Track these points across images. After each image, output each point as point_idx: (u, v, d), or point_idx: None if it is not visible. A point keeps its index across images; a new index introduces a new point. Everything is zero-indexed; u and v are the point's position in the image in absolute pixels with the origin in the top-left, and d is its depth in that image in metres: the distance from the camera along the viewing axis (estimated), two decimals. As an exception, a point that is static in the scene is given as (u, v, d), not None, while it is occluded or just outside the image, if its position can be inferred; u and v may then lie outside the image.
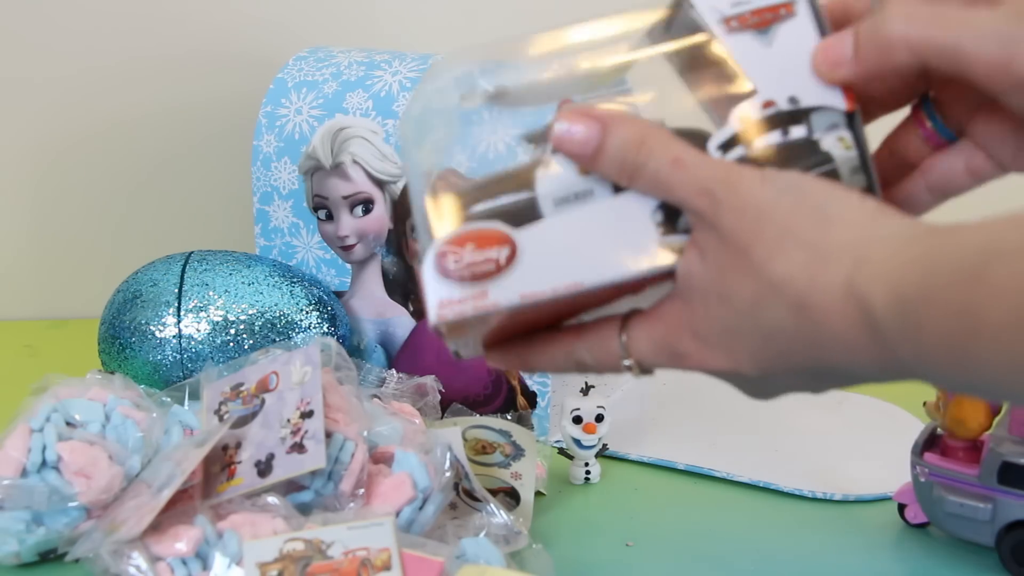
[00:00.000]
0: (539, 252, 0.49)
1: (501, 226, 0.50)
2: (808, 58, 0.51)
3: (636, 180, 0.49)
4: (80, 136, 1.20)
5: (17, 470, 0.71)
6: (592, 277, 0.49)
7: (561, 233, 0.49)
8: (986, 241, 0.40)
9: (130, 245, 1.22)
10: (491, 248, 0.49)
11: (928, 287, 0.41)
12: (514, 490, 0.78)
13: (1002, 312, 0.38)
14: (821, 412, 0.97)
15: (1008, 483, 0.72)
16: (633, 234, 0.49)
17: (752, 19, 0.52)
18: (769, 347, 0.47)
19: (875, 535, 0.79)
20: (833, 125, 0.50)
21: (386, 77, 0.93)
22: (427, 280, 0.50)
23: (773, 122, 0.51)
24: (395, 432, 0.75)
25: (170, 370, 0.88)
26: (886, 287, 0.43)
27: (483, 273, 0.49)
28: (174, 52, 1.19)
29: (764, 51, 0.51)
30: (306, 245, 0.95)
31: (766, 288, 0.46)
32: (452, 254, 0.49)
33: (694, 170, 0.48)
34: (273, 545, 0.63)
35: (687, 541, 0.79)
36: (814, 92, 0.51)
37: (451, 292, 0.49)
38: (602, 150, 0.49)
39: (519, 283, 0.49)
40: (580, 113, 0.50)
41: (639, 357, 0.51)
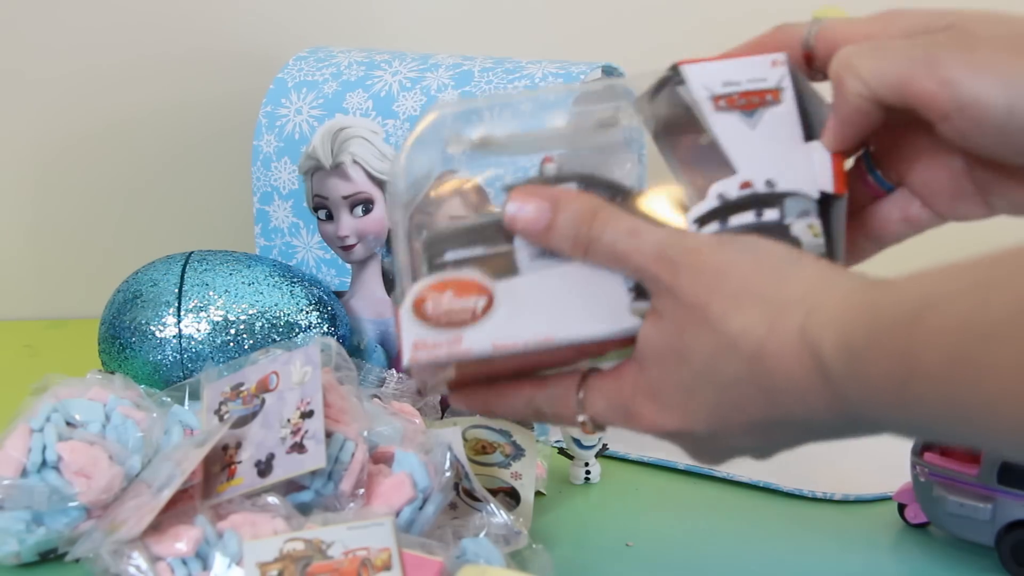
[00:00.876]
0: (514, 305, 0.51)
1: (480, 276, 0.51)
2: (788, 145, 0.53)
3: (591, 253, 0.51)
4: (80, 135, 1.20)
5: (17, 470, 0.71)
6: (563, 334, 0.51)
7: (537, 288, 0.51)
8: (923, 291, 0.42)
9: (130, 245, 1.21)
10: (469, 296, 0.51)
11: (871, 333, 0.43)
12: (514, 490, 0.78)
13: (934, 353, 0.40)
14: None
15: (1008, 483, 0.72)
16: (605, 296, 0.51)
17: (740, 100, 0.54)
18: (725, 402, 0.49)
19: (875, 535, 0.79)
20: (805, 212, 0.53)
21: (386, 77, 0.93)
22: (404, 321, 0.51)
23: (748, 203, 0.52)
24: (395, 432, 0.75)
25: (170, 370, 0.88)
26: (835, 334, 0.45)
27: (459, 320, 0.51)
28: (174, 52, 1.19)
29: (748, 133, 0.53)
30: (306, 245, 0.95)
31: (724, 342, 0.48)
32: (431, 299, 0.51)
33: (650, 237, 0.50)
34: (273, 545, 0.63)
35: (687, 541, 0.79)
36: (791, 178, 0.53)
37: (426, 335, 0.51)
38: (553, 227, 0.51)
39: (493, 333, 0.51)
40: (530, 192, 0.52)
41: (593, 414, 0.53)
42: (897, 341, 0.42)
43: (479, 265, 0.52)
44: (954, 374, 0.40)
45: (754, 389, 0.47)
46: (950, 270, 0.42)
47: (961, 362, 0.40)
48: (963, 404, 0.40)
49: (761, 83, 0.54)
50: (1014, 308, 0.38)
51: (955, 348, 0.40)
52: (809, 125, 0.54)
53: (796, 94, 0.54)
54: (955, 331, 0.40)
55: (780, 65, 0.54)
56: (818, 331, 0.45)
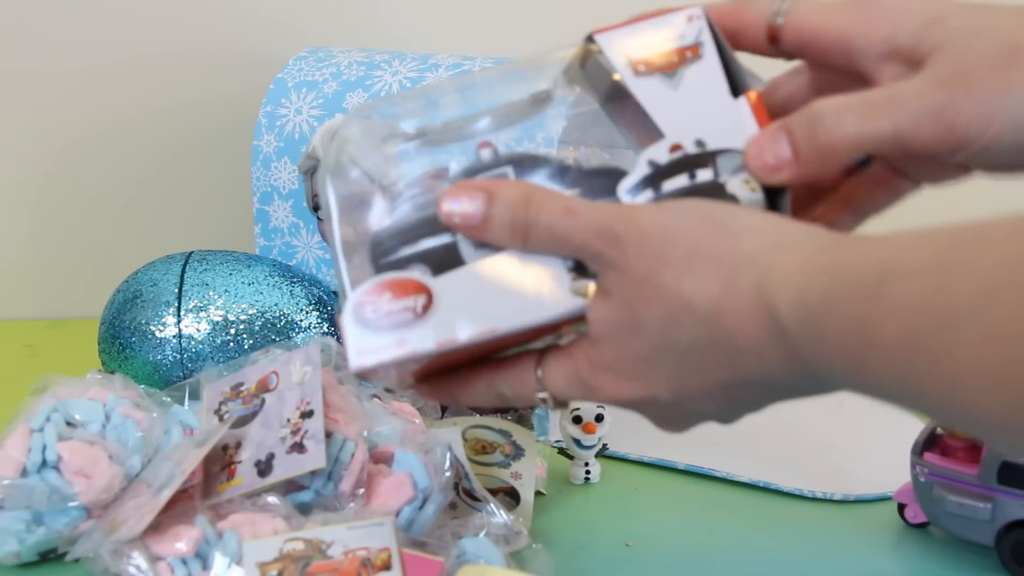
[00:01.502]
0: (455, 299, 0.50)
1: (418, 275, 0.51)
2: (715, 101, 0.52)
3: (531, 239, 0.50)
4: (80, 136, 1.21)
5: (17, 470, 0.71)
6: (506, 324, 0.50)
7: (476, 280, 0.51)
8: (885, 260, 0.42)
9: (130, 245, 1.22)
10: (407, 297, 0.50)
11: (829, 299, 0.43)
12: (514, 490, 0.78)
13: (892, 331, 0.40)
14: (821, 412, 0.97)
15: (1008, 483, 0.72)
16: (546, 279, 0.50)
17: (659, 62, 0.52)
18: (685, 367, 0.48)
19: (875, 535, 0.79)
20: (740, 167, 0.51)
21: (386, 77, 0.93)
22: (346, 328, 0.51)
23: (680, 166, 0.51)
24: (395, 432, 0.75)
25: (170, 370, 0.88)
26: (791, 294, 0.44)
27: (400, 322, 0.50)
28: (174, 52, 1.19)
29: (671, 94, 0.52)
30: (306, 245, 0.95)
31: (678, 308, 0.47)
32: (370, 304, 0.50)
33: (588, 215, 0.49)
34: (273, 545, 0.63)
35: (687, 541, 0.79)
36: (720, 135, 0.51)
37: (369, 341, 0.50)
38: (489, 219, 0.50)
39: (435, 331, 0.50)
40: (462, 187, 0.51)
41: (553, 391, 0.53)
42: (855, 311, 0.42)
43: (425, 261, 0.51)
44: (910, 355, 0.40)
45: (712, 351, 0.47)
46: (909, 244, 0.42)
47: (917, 345, 0.40)
48: (919, 383, 0.40)
49: (679, 41, 0.52)
50: (971, 295, 0.38)
51: (912, 330, 0.40)
52: (732, 77, 0.52)
53: (716, 47, 0.52)
54: (912, 312, 0.40)
55: (697, 20, 0.52)
56: (774, 290, 0.45)
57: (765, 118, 0.51)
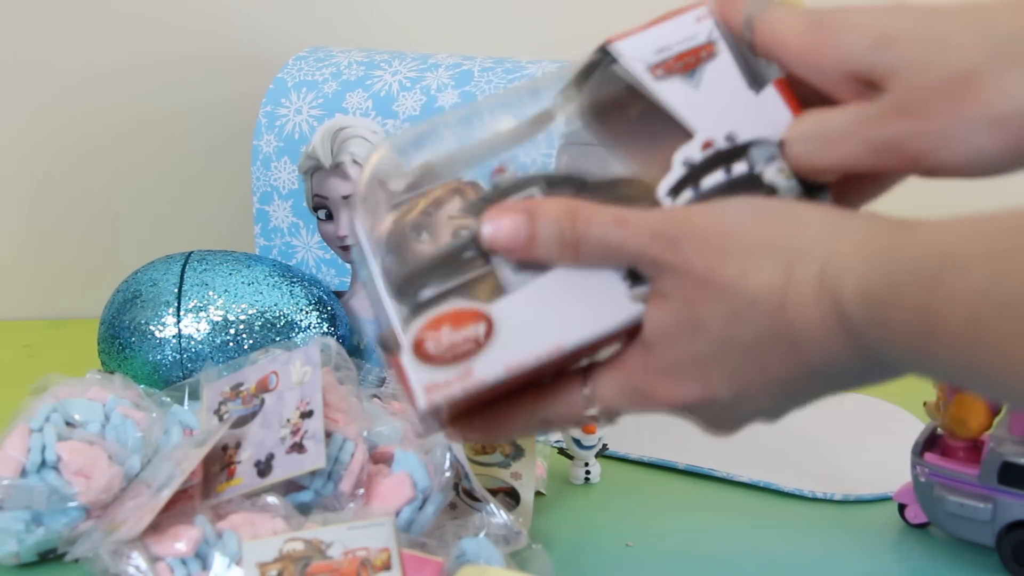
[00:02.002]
0: (515, 322, 0.50)
1: (473, 303, 0.50)
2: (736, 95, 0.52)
3: (581, 254, 0.50)
4: (79, 135, 1.20)
5: (16, 470, 0.71)
6: (571, 338, 0.50)
7: (532, 301, 0.50)
8: (946, 246, 0.42)
9: (130, 245, 1.21)
10: (468, 326, 0.50)
11: (892, 284, 0.43)
12: (514, 490, 0.78)
13: (955, 318, 0.41)
14: (821, 412, 0.97)
15: (1008, 483, 0.72)
16: (601, 290, 0.50)
17: (676, 64, 0.53)
18: (747, 363, 0.48)
19: (875, 535, 0.79)
20: (772, 156, 0.52)
21: (386, 77, 0.93)
22: (408, 368, 0.50)
23: (715, 162, 0.51)
24: (395, 432, 0.75)
25: (170, 370, 0.88)
26: (854, 281, 0.44)
27: (465, 352, 0.50)
28: (174, 52, 1.19)
29: (694, 93, 0.52)
30: (306, 245, 0.95)
31: (741, 303, 0.47)
32: (430, 339, 0.50)
33: (640, 221, 0.49)
34: (273, 545, 0.63)
35: (687, 541, 0.79)
36: (749, 126, 0.52)
37: (435, 376, 0.50)
38: (534, 237, 0.50)
39: (502, 355, 0.50)
40: (502, 210, 0.50)
41: (604, 404, 0.52)
42: (917, 297, 0.42)
43: (463, 294, 0.50)
44: (974, 341, 0.41)
45: (777, 344, 0.47)
46: (965, 231, 0.42)
47: (981, 331, 0.40)
48: (985, 368, 0.41)
49: (692, 41, 0.53)
50: None
51: (975, 317, 0.40)
52: (749, 70, 0.53)
53: (727, 43, 0.53)
54: (974, 298, 0.40)
55: (705, 19, 0.53)
56: (836, 278, 0.45)
57: (794, 102, 0.52)
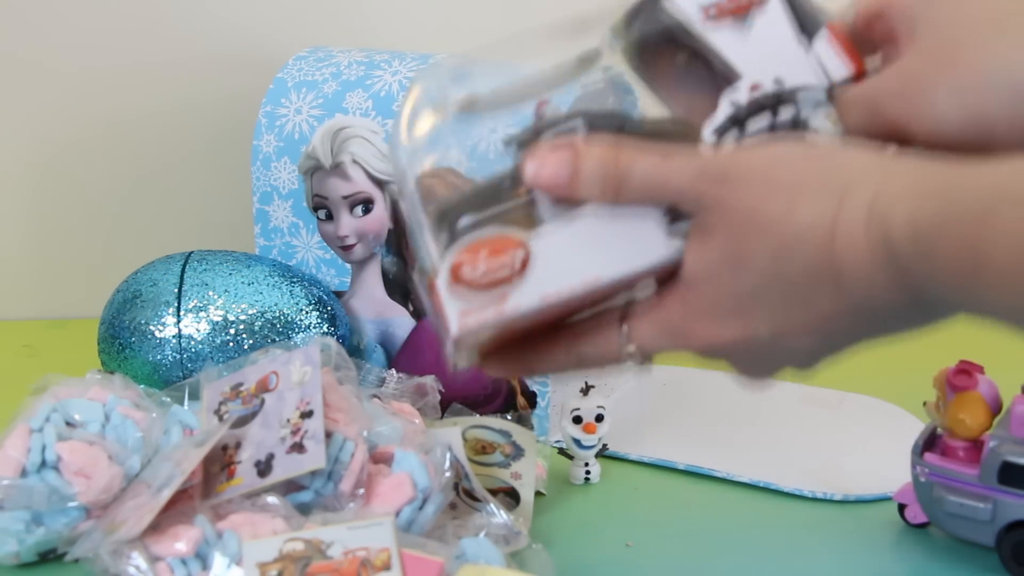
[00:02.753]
0: (553, 253, 0.49)
1: (512, 231, 0.50)
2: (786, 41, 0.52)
3: (624, 191, 0.49)
4: (80, 135, 1.20)
5: (17, 470, 0.71)
6: (608, 272, 0.50)
7: (571, 233, 0.50)
8: (997, 184, 0.42)
9: (130, 245, 1.21)
10: (506, 253, 0.49)
11: (941, 220, 0.43)
12: (514, 490, 0.78)
13: (1004, 254, 0.41)
14: (821, 412, 0.97)
15: (1008, 483, 0.72)
16: (643, 226, 0.50)
17: (729, 6, 0.53)
18: (791, 298, 0.47)
19: (875, 535, 0.79)
20: (819, 103, 0.52)
21: (386, 77, 0.93)
22: (443, 292, 0.49)
23: (762, 104, 0.51)
24: (395, 432, 0.75)
25: (170, 370, 0.88)
26: (903, 213, 0.44)
27: (501, 279, 0.49)
28: (174, 52, 1.19)
29: (744, 37, 0.52)
30: (306, 245, 0.95)
31: (790, 236, 0.46)
32: (467, 263, 0.49)
33: (685, 158, 0.49)
34: (273, 545, 0.63)
35: (687, 541, 0.79)
36: (798, 72, 0.52)
37: (469, 301, 0.49)
38: (578, 175, 0.49)
39: (537, 285, 0.49)
40: (547, 147, 0.50)
41: (641, 343, 0.52)
42: (966, 232, 0.42)
43: (500, 222, 0.50)
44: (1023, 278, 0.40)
45: (823, 278, 0.46)
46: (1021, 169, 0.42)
47: None
48: None
49: None
50: None
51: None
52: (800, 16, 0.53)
53: None
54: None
55: None
56: (886, 209, 0.45)
57: (849, 47, 0.52)
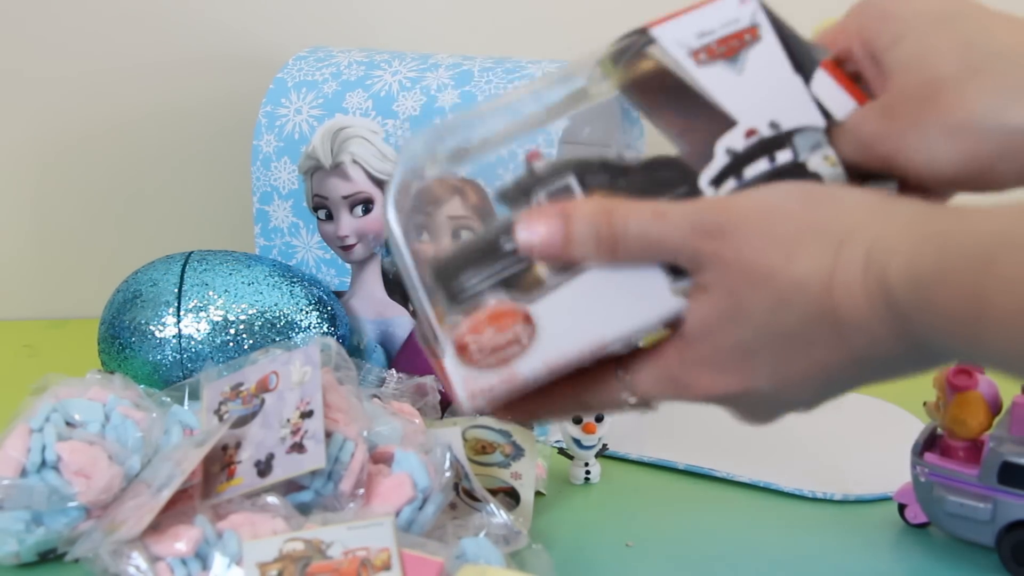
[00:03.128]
0: (557, 319, 0.49)
1: (514, 303, 0.49)
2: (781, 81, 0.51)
3: (619, 252, 0.49)
4: (80, 135, 1.20)
5: (17, 470, 0.71)
6: (613, 332, 0.49)
7: (575, 296, 0.49)
8: (997, 229, 0.42)
9: (130, 245, 1.21)
10: (510, 327, 0.49)
11: (941, 268, 0.42)
12: (514, 490, 0.78)
13: (1008, 301, 0.40)
14: (821, 412, 0.97)
15: (1008, 483, 0.72)
16: (644, 284, 0.49)
17: (719, 49, 0.52)
18: (790, 351, 0.47)
19: (875, 535, 0.79)
20: (816, 144, 0.51)
21: (386, 77, 0.93)
22: (451, 370, 0.49)
23: (758, 150, 0.51)
24: (395, 432, 0.75)
25: (170, 370, 0.88)
26: (902, 261, 0.44)
27: (508, 355, 0.49)
28: (174, 52, 1.19)
29: (737, 79, 0.51)
30: (306, 245, 0.95)
31: (789, 288, 0.46)
32: (474, 343, 0.49)
33: (679, 213, 0.48)
34: (273, 545, 0.63)
35: (687, 541, 0.79)
36: (793, 114, 0.51)
37: (479, 380, 0.49)
38: (570, 240, 0.49)
39: (544, 353, 0.49)
40: (536, 214, 0.49)
41: (641, 392, 0.52)
42: (968, 279, 0.41)
43: (502, 285, 0.50)
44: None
45: (821, 329, 0.46)
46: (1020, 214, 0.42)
47: None
48: None
49: (735, 25, 0.52)
50: None
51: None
52: (794, 54, 0.52)
53: (773, 26, 0.52)
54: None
55: (748, 2, 0.52)
56: (884, 257, 0.44)
57: (849, 83, 0.51)
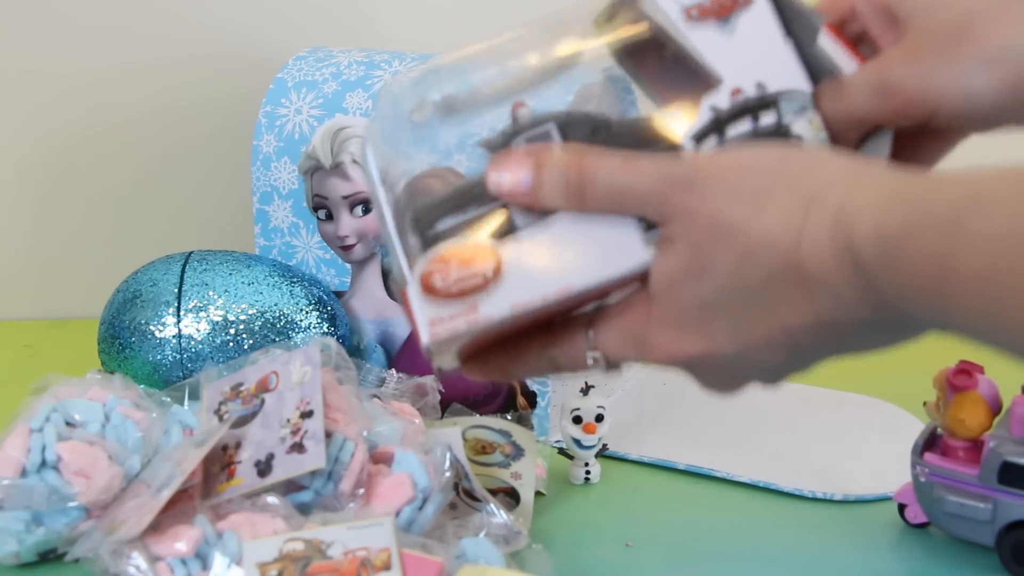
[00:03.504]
0: (524, 262, 0.49)
1: (483, 240, 0.49)
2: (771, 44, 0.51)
3: (588, 199, 0.49)
4: (80, 135, 1.20)
5: (17, 470, 0.71)
6: (581, 281, 0.49)
7: (543, 241, 0.49)
8: (967, 192, 0.41)
9: (130, 245, 1.21)
10: (476, 262, 0.49)
11: (907, 226, 0.42)
12: (514, 490, 0.78)
13: (973, 262, 0.40)
14: (821, 412, 0.97)
15: (1008, 483, 0.72)
16: (616, 235, 0.49)
17: (712, 7, 0.52)
18: (752, 309, 0.47)
19: (875, 535, 0.79)
20: (802, 108, 0.51)
21: (386, 77, 0.93)
22: (414, 300, 0.49)
23: (742, 110, 0.50)
24: (395, 432, 0.75)
25: (170, 370, 0.88)
26: (869, 220, 0.43)
27: (471, 288, 0.49)
28: (174, 52, 1.19)
29: (727, 40, 0.51)
30: (306, 245, 0.95)
31: (756, 242, 0.46)
32: (438, 272, 0.49)
33: (651, 164, 0.48)
34: (273, 545, 0.63)
35: (687, 541, 0.79)
36: (781, 76, 0.51)
37: (440, 310, 0.49)
38: (540, 185, 0.49)
39: (509, 294, 0.49)
40: (508, 156, 0.50)
41: (606, 351, 0.51)
42: (933, 239, 0.41)
43: (474, 229, 0.50)
44: (991, 287, 0.39)
45: (787, 287, 0.45)
46: (992, 177, 0.41)
47: (999, 277, 0.39)
48: (999, 316, 0.39)
49: None
50: None
51: (994, 262, 0.39)
52: (786, 19, 0.52)
53: None
54: (995, 242, 0.39)
55: None
56: (852, 216, 0.43)
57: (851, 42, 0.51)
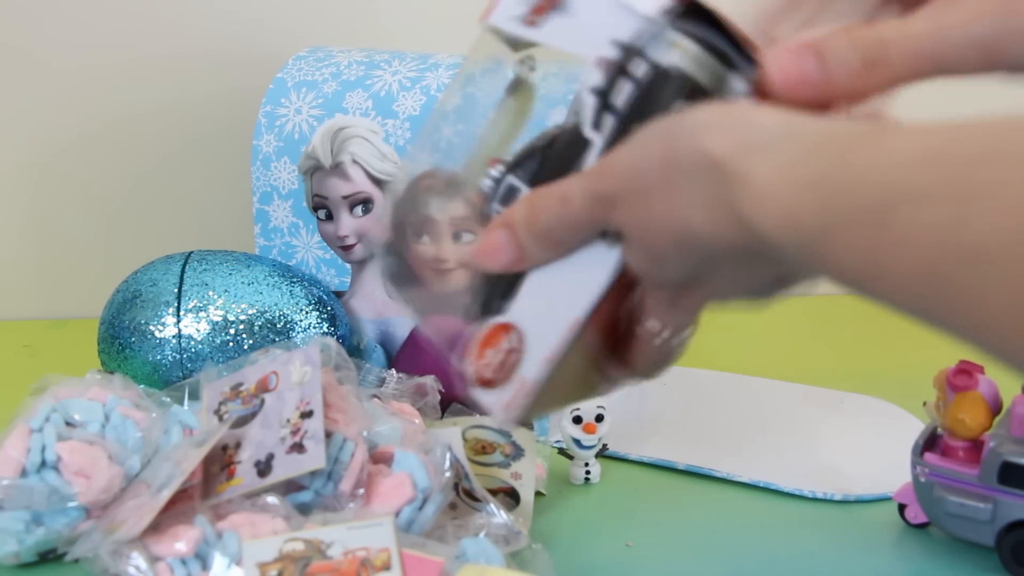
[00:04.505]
0: (532, 317, 0.51)
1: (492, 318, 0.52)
2: (606, 2, 0.51)
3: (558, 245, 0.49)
4: (79, 135, 1.20)
5: (16, 470, 0.71)
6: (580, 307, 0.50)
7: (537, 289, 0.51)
8: (892, 181, 0.38)
9: (130, 245, 1.21)
10: (502, 342, 0.52)
11: (827, 222, 0.40)
12: (514, 490, 0.78)
13: (908, 262, 0.38)
14: (821, 412, 0.97)
15: (1008, 483, 0.72)
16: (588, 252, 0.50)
17: (544, 3, 0.52)
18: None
19: (875, 535, 0.79)
20: (655, 35, 0.49)
21: (386, 77, 0.93)
22: (481, 398, 0.53)
23: (616, 74, 0.50)
24: (395, 432, 0.75)
25: (170, 370, 0.88)
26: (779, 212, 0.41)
27: (513, 364, 0.52)
28: (174, 51, 1.19)
29: (572, 22, 0.51)
30: (306, 245, 0.95)
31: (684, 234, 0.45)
32: (483, 368, 0.52)
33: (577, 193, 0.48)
34: (273, 545, 0.63)
35: (687, 541, 0.79)
36: (623, 25, 0.50)
37: (503, 396, 0.52)
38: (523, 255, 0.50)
39: (538, 353, 0.51)
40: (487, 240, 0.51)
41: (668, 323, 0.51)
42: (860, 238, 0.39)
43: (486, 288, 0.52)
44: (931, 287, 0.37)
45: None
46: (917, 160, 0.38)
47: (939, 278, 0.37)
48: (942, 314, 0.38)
49: None
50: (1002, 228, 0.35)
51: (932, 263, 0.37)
52: None
53: None
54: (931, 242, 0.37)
55: None
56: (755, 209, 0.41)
57: None
